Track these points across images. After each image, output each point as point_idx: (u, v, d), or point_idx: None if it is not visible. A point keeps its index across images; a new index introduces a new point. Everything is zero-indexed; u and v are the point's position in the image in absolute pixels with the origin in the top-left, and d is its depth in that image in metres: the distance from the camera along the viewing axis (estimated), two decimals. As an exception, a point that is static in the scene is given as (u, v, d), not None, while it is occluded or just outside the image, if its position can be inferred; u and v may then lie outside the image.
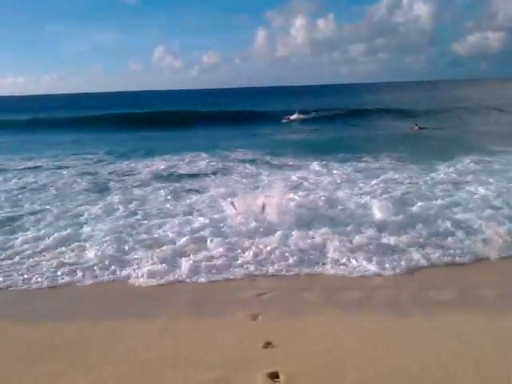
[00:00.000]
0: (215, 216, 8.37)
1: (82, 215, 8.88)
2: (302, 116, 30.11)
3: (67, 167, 14.58)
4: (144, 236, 7.53)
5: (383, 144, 17.88)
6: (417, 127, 23.02)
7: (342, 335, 4.61)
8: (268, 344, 4.37)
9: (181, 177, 12.59)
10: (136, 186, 11.47)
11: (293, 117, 30.03)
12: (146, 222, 8.29)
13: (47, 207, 9.59)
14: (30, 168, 14.58)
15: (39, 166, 14.82)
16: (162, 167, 14.10)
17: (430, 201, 9.09)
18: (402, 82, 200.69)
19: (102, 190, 11.24)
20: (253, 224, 7.65)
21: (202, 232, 7.55)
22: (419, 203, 8.79)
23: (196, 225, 7.92)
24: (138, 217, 8.61)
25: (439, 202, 8.95)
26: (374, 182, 10.94)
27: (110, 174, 13.36)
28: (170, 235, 7.52)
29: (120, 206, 9.39)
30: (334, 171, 12.47)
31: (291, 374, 3.86)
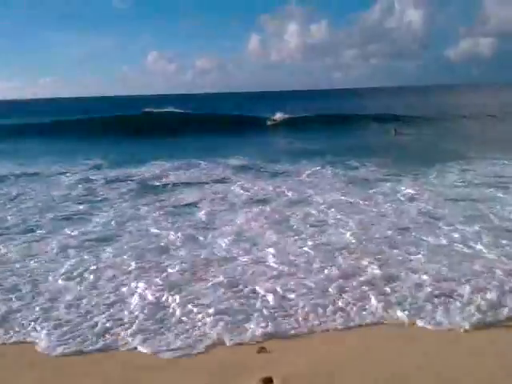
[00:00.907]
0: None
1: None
2: (284, 116, 30.83)
3: (56, 175, 14.40)
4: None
5: (361, 149, 18.17)
6: (394, 132, 23.80)
7: (337, 340, 4.74)
8: (262, 349, 4.48)
9: (173, 188, 12.27)
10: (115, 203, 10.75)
11: (276, 117, 30.63)
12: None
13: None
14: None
15: (35, 173, 14.72)
16: (153, 177, 13.73)
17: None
18: (394, 87, 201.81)
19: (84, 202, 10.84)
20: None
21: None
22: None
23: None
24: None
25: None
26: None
27: (95, 183, 13.04)
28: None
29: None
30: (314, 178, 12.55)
31: (285, 379, 3.98)
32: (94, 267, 6.75)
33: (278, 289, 5.85)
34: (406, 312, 5.17)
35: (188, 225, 8.81)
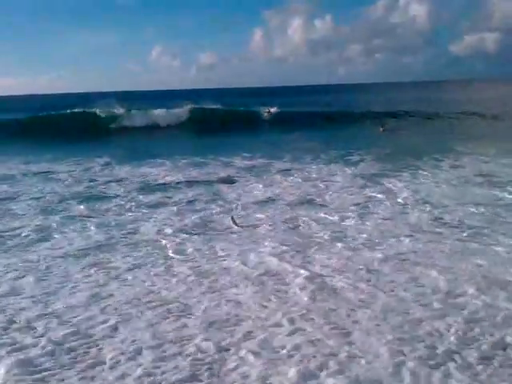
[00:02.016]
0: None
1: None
2: (277, 110, 30.81)
3: (52, 173, 14.47)
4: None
5: (352, 145, 18.74)
6: (382, 128, 24.71)
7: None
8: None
9: (177, 187, 12.28)
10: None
11: (271, 110, 30.58)
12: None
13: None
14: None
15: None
16: (156, 176, 13.76)
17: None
18: (398, 82, 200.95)
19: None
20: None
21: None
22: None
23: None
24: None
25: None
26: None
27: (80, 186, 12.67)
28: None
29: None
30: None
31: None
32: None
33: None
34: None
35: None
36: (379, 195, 10.67)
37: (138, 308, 5.48)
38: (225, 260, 6.98)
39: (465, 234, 7.76)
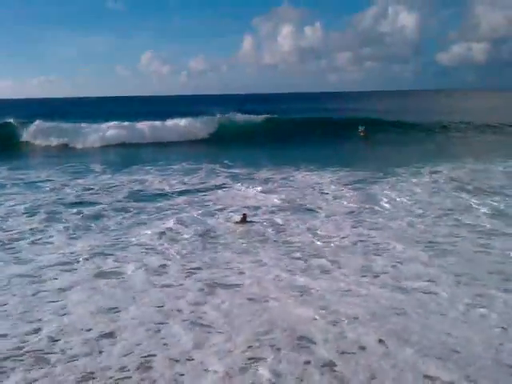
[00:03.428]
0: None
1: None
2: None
3: (44, 182, 14.32)
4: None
5: (331, 155, 19.29)
6: (360, 130, 26.52)
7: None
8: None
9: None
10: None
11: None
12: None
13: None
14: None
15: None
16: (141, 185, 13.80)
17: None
18: (387, 90, 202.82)
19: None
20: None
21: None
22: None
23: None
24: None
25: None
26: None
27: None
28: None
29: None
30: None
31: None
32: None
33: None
34: None
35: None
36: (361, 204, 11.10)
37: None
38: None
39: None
